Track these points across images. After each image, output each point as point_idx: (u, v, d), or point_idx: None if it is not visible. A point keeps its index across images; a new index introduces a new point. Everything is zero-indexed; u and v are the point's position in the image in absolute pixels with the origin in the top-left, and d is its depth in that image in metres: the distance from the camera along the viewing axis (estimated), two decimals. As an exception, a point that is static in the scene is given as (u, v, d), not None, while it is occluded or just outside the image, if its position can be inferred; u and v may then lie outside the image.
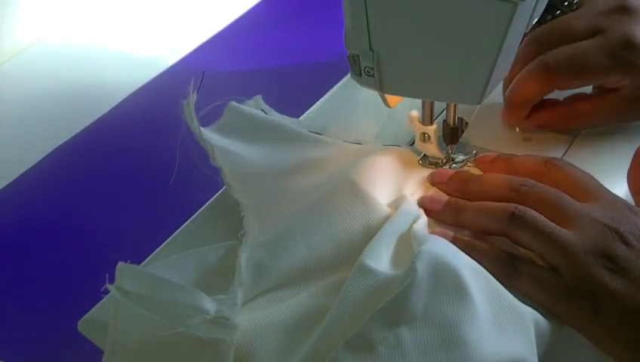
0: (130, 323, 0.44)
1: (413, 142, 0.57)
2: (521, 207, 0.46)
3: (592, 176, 0.48)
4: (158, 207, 0.67)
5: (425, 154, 0.56)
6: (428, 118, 0.54)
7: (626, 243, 0.42)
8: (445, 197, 0.51)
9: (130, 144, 0.76)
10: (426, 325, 0.41)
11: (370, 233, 0.48)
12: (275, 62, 0.86)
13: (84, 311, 0.47)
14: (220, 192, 0.56)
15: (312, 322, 0.44)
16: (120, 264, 0.43)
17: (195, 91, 0.53)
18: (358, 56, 0.48)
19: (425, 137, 0.55)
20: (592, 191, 0.46)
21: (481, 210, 0.48)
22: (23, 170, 0.73)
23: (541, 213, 0.45)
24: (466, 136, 0.57)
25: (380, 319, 0.41)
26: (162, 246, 0.53)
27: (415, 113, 0.54)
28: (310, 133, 0.58)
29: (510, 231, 0.46)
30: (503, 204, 0.47)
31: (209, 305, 0.42)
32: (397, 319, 0.41)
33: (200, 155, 0.56)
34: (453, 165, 0.56)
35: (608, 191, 0.47)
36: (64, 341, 0.54)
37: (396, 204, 0.51)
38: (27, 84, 0.87)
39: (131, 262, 0.49)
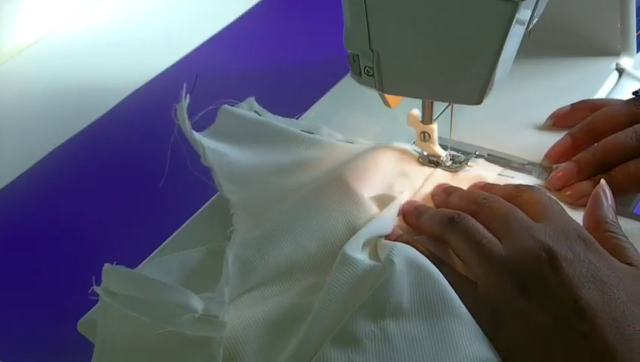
0: (118, 324, 0.44)
1: (414, 142, 0.57)
2: (463, 214, 0.46)
3: (555, 201, 0.47)
4: (160, 206, 0.67)
5: (425, 153, 0.56)
6: (428, 117, 0.54)
7: (554, 266, 0.41)
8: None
9: (130, 144, 0.76)
10: (412, 317, 0.41)
11: (355, 232, 0.48)
12: (275, 62, 0.86)
13: (84, 311, 0.47)
14: (217, 194, 0.56)
15: (298, 319, 0.44)
16: (106, 266, 0.43)
17: (188, 94, 0.54)
18: (358, 55, 0.48)
19: (425, 136, 0.55)
20: (547, 213, 0.45)
21: (433, 214, 0.49)
22: (22, 170, 0.73)
23: (490, 224, 0.45)
24: (466, 136, 0.57)
25: (363, 313, 0.41)
26: (162, 246, 0.53)
27: (415, 112, 0.55)
28: (302, 132, 0.58)
29: (446, 234, 0.46)
30: (448, 209, 0.48)
31: (197, 303, 0.42)
32: (381, 312, 0.41)
33: (197, 157, 0.56)
34: (454, 165, 0.56)
35: (565, 215, 0.45)
36: (64, 341, 0.54)
37: (383, 200, 0.51)
38: (27, 85, 0.87)
39: (131, 263, 0.49)
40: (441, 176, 0.55)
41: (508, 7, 0.42)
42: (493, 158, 0.57)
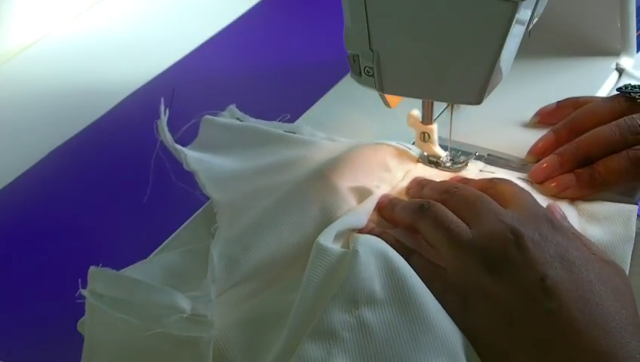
0: (106, 326, 0.44)
1: (413, 143, 0.57)
2: (432, 202, 0.47)
3: (527, 192, 0.48)
4: (161, 207, 0.66)
5: (425, 153, 0.56)
6: (428, 117, 0.54)
7: (520, 246, 0.42)
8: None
9: (129, 143, 0.76)
10: (386, 303, 0.41)
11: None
12: (274, 62, 0.86)
13: (84, 311, 0.47)
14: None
15: (285, 315, 0.44)
16: (92, 268, 0.43)
17: (167, 108, 0.54)
18: (358, 56, 0.48)
19: (425, 137, 0.55)
20: (517, 200, 0.46)
21: (405, 204, 0.50)
22: (22, 170, 0.73)
23: (460, 210, 0.46)
24: (466, 136, 0.57)
25: (336, 305, 0.41)
26: (162, 246, 0.53)
27: (415, 112, 0.55)
28: (284, 132, 0.58)
29: (417, 221, 0.47)
30: (419, 199, 0.49)
31: (184, 303, 0.42)
32: (354, 302, 0.41)
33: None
34: (454, 165, 0.56)
35: (535, 203, 0.46)
36: (64, 341, 0.54)
37: (362, 194, 0.52)
38: (26, 85, 0.87)
39: (132, 263, 0.49)
40: (420, 171, 0.55)
41: (508, 7, 0.42)
42: (493, 158, 0.57)
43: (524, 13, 0.45)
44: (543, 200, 0.50)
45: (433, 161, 0.56)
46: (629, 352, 0.37)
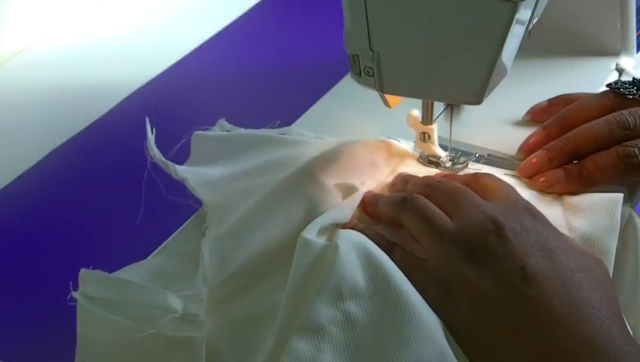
0: (99, 328, 0.43)
1: (414, 142, 0.57)
2: (415, 195, 0.48)
3: (510, 185, 0.48)
4: (162, 207, 0.66)
5: (425, 153, 0.56)
6: (428, 117, 0.54)
7: (501, 236, 0.42)
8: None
9: (129, 144, 0.76)
10: (371, 295, 0.42)
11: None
12: (274, 62, 0.86)
13: (81, 312, 0.47)
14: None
15: (274, 313, 0.44)
16: (82, 270, 0.43)
17: (153, 128, 0.54)
18: (358, 56, 0.48)
19: (425, 137, 0.55)
20: (499, 193, 0.47)
21: (388, 198, 0.50)
22: (19, 172, 0.73)
23: (442, 203, 0.46)
24: (466, 136, 0.57)
25: (321, 301, 0.41)
26: (163, 244, 0.53)
27: (415, 112, 0.55)
28: (274, 135, 0.58)
29: (400, 214, 0.47)
30: (402, 192, 0.49)
31: (176, 303, 0.42)
32: (339, 296, 0.42)
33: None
34: (454, 166, 0.56)
35: (517, 195, 0.47)
36: (63, 341, 0.54)
37: (348, 190, 0.52)
38: (26, 85, 0.87)
39: (131, 263, 0.49)
40: (407, 167, 0.55)
41: (508, 7, 0.42)
42: (493, 159, 0.57)
43: (524, 13, 0.45)
44: (530, 196, 0.50)
45: (433, 161, 0.56)
46: (609, 338, 0.38)
